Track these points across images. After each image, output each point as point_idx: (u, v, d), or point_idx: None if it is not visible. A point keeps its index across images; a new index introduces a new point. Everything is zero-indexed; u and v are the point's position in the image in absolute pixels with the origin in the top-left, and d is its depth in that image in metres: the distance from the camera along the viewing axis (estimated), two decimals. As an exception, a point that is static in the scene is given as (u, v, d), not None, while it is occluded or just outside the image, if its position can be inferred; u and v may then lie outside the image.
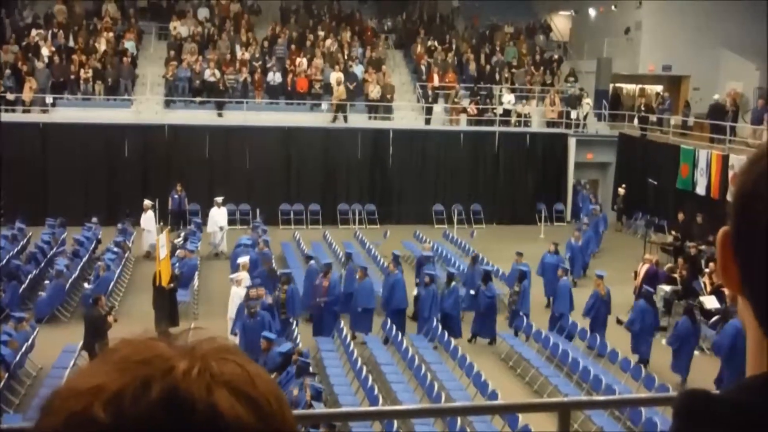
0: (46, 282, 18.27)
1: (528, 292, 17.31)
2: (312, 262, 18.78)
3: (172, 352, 0.83)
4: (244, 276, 16.97)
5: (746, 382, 0.89)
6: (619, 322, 17.10)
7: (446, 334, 15.92)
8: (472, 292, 17.68)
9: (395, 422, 11.12)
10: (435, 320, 16.58)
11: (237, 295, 16.35)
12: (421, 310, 17.03)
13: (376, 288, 17.66)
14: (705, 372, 14.52)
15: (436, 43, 31.96)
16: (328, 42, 30.92)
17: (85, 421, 0.78)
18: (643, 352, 15.55)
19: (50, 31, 29.20)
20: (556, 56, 32.99)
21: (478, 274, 18.23)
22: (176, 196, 25.11)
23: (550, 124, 29.80)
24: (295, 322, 16.28)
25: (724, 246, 0.95)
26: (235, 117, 27.40)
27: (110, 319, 14.81)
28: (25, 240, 21.91)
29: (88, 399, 0.79)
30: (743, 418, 0.84)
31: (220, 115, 27.77)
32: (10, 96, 26.13)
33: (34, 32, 28.88)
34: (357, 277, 17.22)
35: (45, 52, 27.89)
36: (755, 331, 0.92)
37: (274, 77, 28.73)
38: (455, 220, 26.63)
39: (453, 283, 17.34)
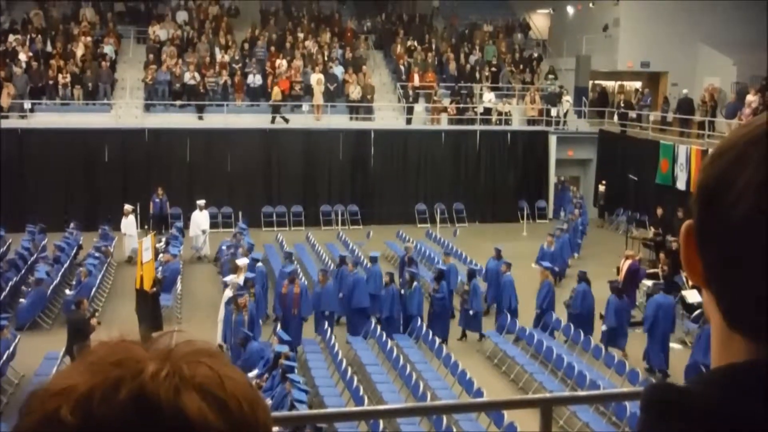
0: (27, 289, 18.12)
1: (479, 290, 17.31)
2: (259, 264, 18.52)
3: (146, 354, 0.83)
4: (242, 279, 16.73)
5: (710, 374, 0.90)
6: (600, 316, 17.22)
7: (431, 333, 15.94)
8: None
9: (381, 422, 11.12)
10: (419, 319, 16.61)
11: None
12: (381, 311, 16.98)
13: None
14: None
15: (415, 43, 32.01)
16: (308, 43, 30.89)
17: (55, 422, 0.78)
18: (586, 331, 15.97)
19: (28, 37, 28.97)
20: (535, 54, 33.13)
21: (415, 274, 18.20)
22: (157, 200, 25.00)
23: (530, 122, 29.92)
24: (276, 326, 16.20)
25: (688, 240, 0.95)
26: (216, 120, 27.30)
27: (93, 321, 14.71)
28: (4, 247, 21.70)
29: (58, 400, 0.79)
30: (707, 411, 0.85)
31: (200, 118, 27.66)
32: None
33: (11, 37, 28.63)
34: (319, 280, 17.11)
35: (23, 57, 27.66)
36: (719, 324, 0.92)
37: (254, 79, 28.66)
38: (438, 219, 26.68)
39: (415, 284, 17.29)
